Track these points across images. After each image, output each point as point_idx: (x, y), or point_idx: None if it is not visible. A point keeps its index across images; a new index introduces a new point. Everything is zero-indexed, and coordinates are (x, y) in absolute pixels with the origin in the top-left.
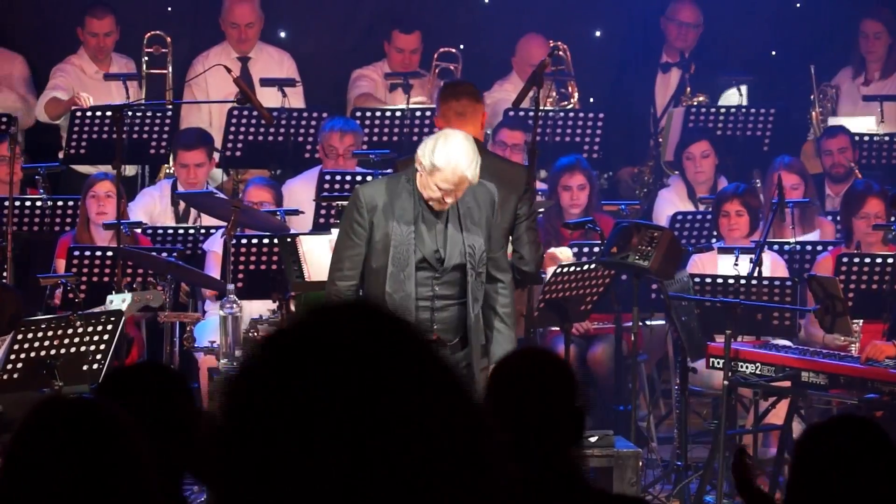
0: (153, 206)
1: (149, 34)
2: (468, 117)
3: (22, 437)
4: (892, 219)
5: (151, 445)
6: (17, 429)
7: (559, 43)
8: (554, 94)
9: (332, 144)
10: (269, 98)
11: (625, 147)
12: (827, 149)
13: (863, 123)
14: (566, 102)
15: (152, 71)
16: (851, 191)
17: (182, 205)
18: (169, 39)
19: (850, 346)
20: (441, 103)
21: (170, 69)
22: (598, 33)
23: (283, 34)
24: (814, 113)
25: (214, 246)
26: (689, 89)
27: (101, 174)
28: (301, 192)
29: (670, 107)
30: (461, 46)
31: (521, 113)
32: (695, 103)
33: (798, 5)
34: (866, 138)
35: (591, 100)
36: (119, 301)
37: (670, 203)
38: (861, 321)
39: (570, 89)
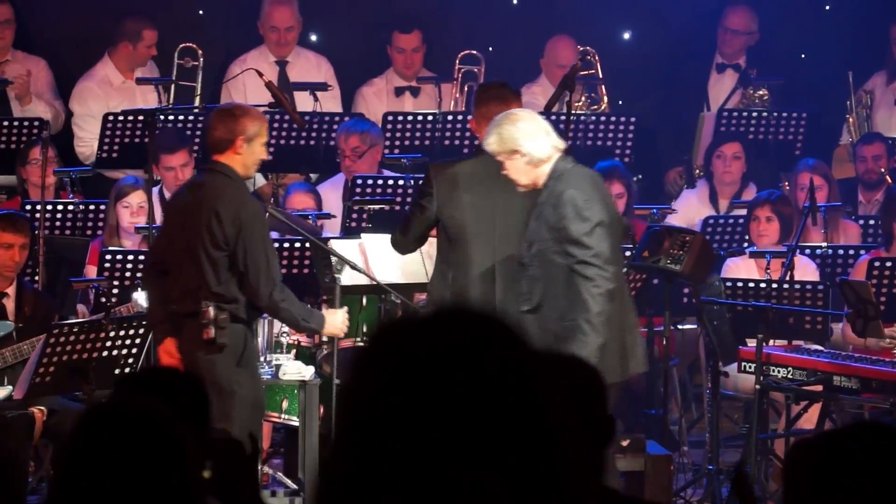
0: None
1: (181, 46)
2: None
3: (77, 444)
4: None
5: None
6: (71, 436)
7: (588, 48)
8: (584, 97)
9: (341, 146)
10: (306, 102)
11: (673, 147)
12: (862, 155)
13: None
14: (596, 106)
15: (182, 83)
16: (892, 194)
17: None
18: (200, 52)
19: (894, 350)
20: (477, 105)
21: (199, 82)
22: (626, 35)
23: (314, 37)
24: (850, 118)
25: None
26: (751, 87)
27: (130, 179)
28: (328, 196)
29: (725, 107)
30: (490, 49)
31: (553, 117)
32: (756, 99)
33: (827, 7)
34: None
35: (620, 102)
36: (144, 298)
37: (689, 205)
38: None
39: (600, 93)
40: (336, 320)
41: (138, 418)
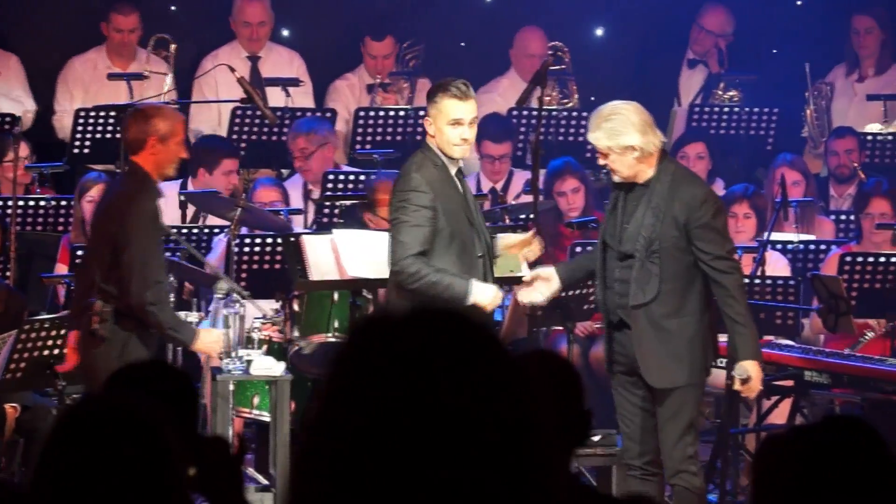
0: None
1: (154, 37)
2: None
3: (56, 441)
4: None
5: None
6: (53, 431)
7: (558, 43)
8: (555, 93)
9: (290, 147)
10: (278, 97)
11: None
12: (833, 149)
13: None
14: (566, 101)
15: (155, 72)
16: (864, 190)
17: (191, 208)
18: (174, 47)
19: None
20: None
21: (171, 73)
22: (599, 32)
23: (285, 32)
24: (808, 110)
25: (219, 245)
26: (722, 85)
27: (93, 174)
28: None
29: (696, 103)
30: (462, 44)
31: (525, 112)
32: (726, 99)
33: (799, 3)
34: (869, 138)
35: (593, 98)
36: None
37: None
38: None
39: (570, 88)
40: (210, 338)
41: (124, 414)
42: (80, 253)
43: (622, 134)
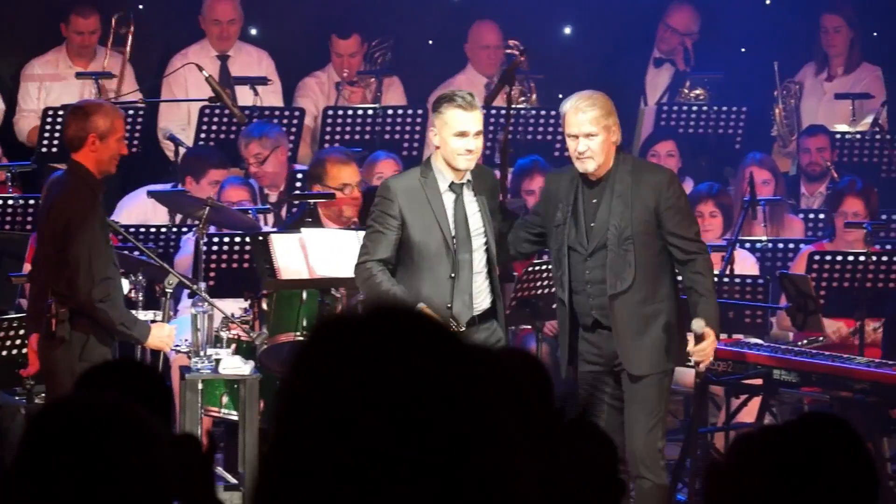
0: (145, 210)
1: (116, 15)
2: None
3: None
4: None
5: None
6: (28, 432)
7: (516, 42)
8: (515, 92)
9: (241, 154)
10: (247, 96)
11: None
12: (805, 147)
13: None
14: (524, 98)
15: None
16: (838, 188)
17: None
18: (133, 29)
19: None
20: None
21: (128, 47)
22: (567, 30)
23: (254, 31)
24: (777, 109)
25: (188, 245)
26: (688, 83)
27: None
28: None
29: (663, 101)
30: (430, 42)
31: (493, 111)
32: (692, 98)
33: (768, 2)
34: (837, 136)
35: (560, 96)
36: None
37: None
38: None
39: (530, 87)
40: (162, 333)
41: (110, 413)
42: None
43: (611, 114)
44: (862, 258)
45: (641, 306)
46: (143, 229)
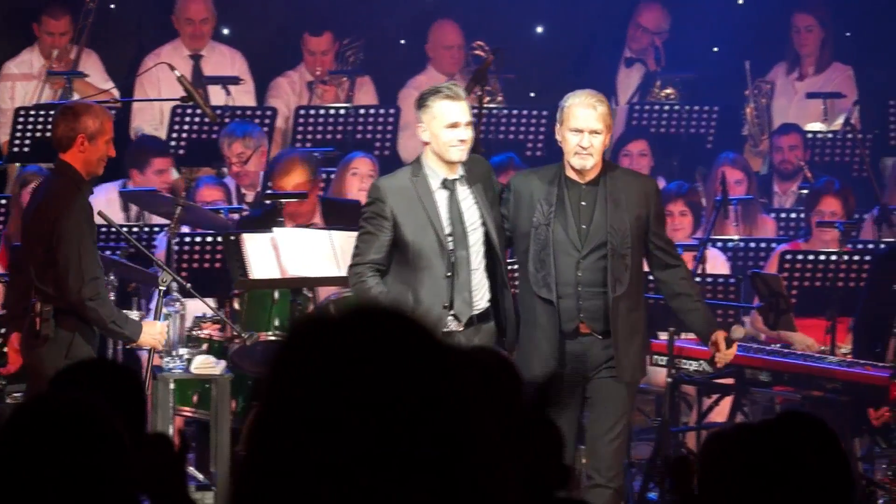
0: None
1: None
2: None
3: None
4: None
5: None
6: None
7: (481, 42)
8: (481, 92)
9: (223, 153)
10: (220, 96)
11: None
12: (778, 145)
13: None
14: (489, 98)
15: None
16: (814, 188)
17: (134, 210)
18: (91, 19)
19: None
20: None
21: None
22: (539, 29)
23: (226, 31)
24: (748, 108)
25: (160, 244)
26: (659, 82)
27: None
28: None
29: (634, 101)
30: (402, 42)
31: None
32: (663, 97)
33: (740, 1)
34: (809, 136)
35: (532, 94)
36: None
37: None
38: None
39: (494, 87)
40: (154, 331)
41: (78, 411)
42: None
43: (611, 116)
44: (834, 258)
45: (630, 312)
46: (114, 229)
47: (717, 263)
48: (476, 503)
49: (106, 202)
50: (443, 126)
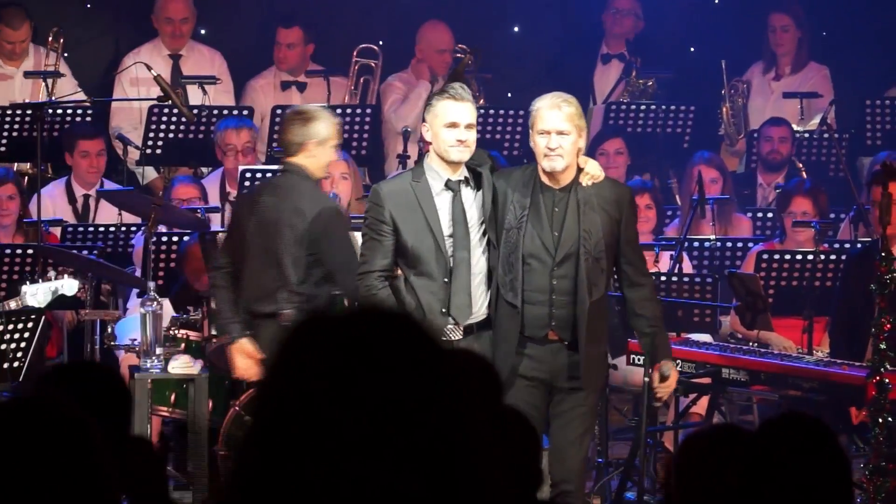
0: (53, 205)
1: (54, 30)
2: None
3: None
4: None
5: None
6: None
7: (461, 45)
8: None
9: (229, 142)
10: (198, 96)
11: None
12: (768, 135)
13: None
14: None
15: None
16: (786, 188)
17: (80, 202)
18: (62, 41)
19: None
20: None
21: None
22: (515, 29)
23: (203, 31)
24: (724, 107)
25: (139, 243)
26: (634, 73)
27: (2, 170)
28: (209, 191)
29: (612, 97)
30: (380, 42)
31: None
32: (642, 87)
33: (717, 1)
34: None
35: (510, 94)
36: (33, 291)
37: None
38: None
39: (472, 87)
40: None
41: (45, 414)
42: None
43: (583, 117)
44: (810, 257)
45: (597, 320)
46: (91, 228)
47: (684, 265)
48: (470, 500)
49: (53, 197)
50: (442, 125)
